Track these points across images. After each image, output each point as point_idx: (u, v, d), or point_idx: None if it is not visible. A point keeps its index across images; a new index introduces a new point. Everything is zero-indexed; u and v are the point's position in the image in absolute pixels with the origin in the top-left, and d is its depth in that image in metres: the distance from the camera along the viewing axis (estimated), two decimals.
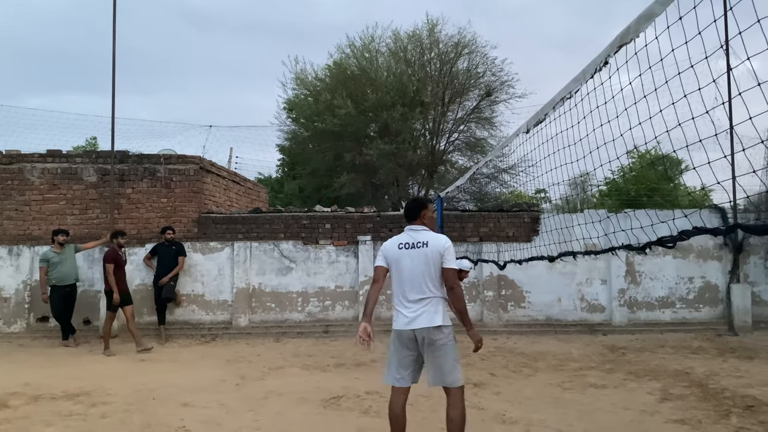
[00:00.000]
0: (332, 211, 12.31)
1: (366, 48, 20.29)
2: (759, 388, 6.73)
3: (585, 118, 3.67)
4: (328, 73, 20.75)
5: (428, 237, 4.37)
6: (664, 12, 2.66)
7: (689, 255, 11.90)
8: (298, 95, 21.58)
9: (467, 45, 19.69)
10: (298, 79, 21.30)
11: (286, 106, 21.98)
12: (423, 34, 19.96)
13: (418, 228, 4.47)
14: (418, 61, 20.14)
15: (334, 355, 9.25)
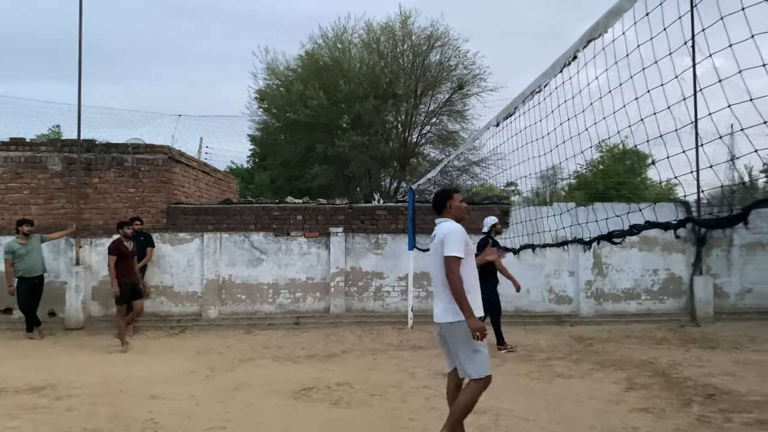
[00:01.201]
0: (304, 202, 12.26)
1: (338, 39, 20.19)
2: (719, 377, 6.93)
3: (553, 112, 3.73)
4: (301, 63, 20.60)
5: (438, 229, 4.36)
6: (632, 8, 2.70)
7: (654, 248, 12.17)
8: (269, 85, 21.39)
9: (440, 38, 19.74)
10: (269, 69, 21.11)
11: (258, 96, 21.77)
12: (396, 26, 19.94)
13: (440, 220, 4.48)
14: (391, 53, 20.13)
15: (305, 346, 9.24)
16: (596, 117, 3.31)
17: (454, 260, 4.08)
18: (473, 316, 4.01)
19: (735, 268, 12.32)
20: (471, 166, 21.68)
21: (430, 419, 5.29)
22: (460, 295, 4.01)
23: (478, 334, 3.98)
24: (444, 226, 4.31)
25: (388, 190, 22.09)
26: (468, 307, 4.00)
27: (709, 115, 2.41)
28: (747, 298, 12.34)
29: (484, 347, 4.14)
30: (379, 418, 5.42)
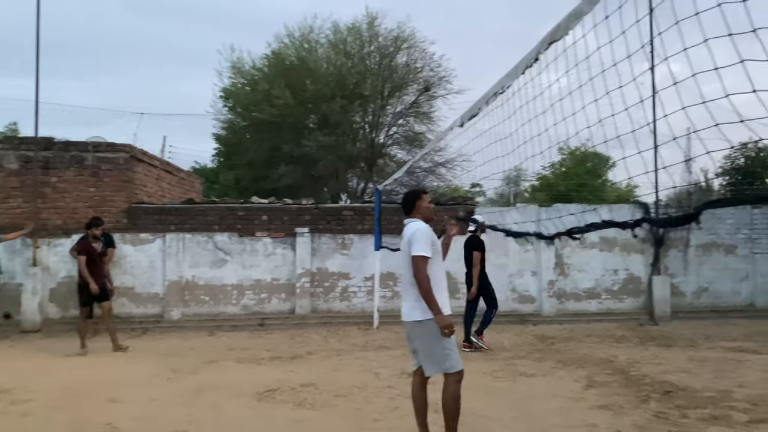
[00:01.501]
0: (269, 202, 12.17)
1: (305, 39, 20.11)
2: (676, 374, 7.11)
3: (515, 113, 3.78)
4: (267, 62, 20.45)
5: (407, 229, 4.38)
6: (592, 11, 2.75)
7: (614, 248, 12.44)
8: (235, 84, 21.17)
9: (406, 39, 19.83)
10: (234, 67, 20.90)
11: (223, 95, 21.53)
12: (363, 27, 19.96)
13: (408, 221, 4.48)
14: (358, 54, 20.14)
15: (269, 348, 9.16)
16: (557, 119, 3.37)
17: (420, 259, 4.11)
18: (441, 314, 4.05)
19: (691, 268, 12.68)
20: (437, 167, 21.83)
21: (395, 419, 5.30)
22: (428, 293, 4.05)
23: (447, 332, 4.03)
24: (411, 226, 4.34)
25: (356, 191, 22.08)
26: (436, 305, 4.05)
27: (665, 116, 2.48)
28: (703, 297, 12.72)
29: (452, 342, 4.19)
30: (344, 418, 5.40)
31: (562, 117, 3.30)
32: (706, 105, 2.43)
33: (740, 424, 5.11)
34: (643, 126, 2.88)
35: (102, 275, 9.04)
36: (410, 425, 4.77)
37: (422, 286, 4.07)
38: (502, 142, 4.82)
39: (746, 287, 12.84)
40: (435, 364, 4.23)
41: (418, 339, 4.30)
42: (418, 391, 4.46)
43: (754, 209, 12.98)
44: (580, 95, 3.09)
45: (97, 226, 9.06)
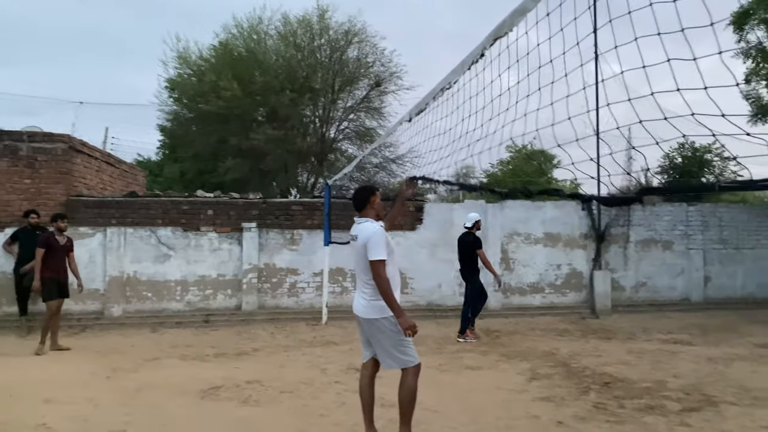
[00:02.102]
0: (215, 196, 11.91)
1: (254, 30, 19.78)
2: (615, 366, 7.35)
3: (459, 108, 3.80)
4: (214, 53, 20.01)
5: (360, 229, 4.37)
6: (535, 7, 2.79)
7: (558, 244, 12.75)
8: (180, 74, 20.63)
9: (357, 34, 19.78)
10: (180, 57, 20.36)
11: (168, 86, 20.94)
12: (313, 20, 19.78)
13: (360, 219, 4.48)
14: (308, 47, 19.95)
15: (214, 344, 8.98)
16: (503, 115, 3.41)
17: (379, 264, 4.15)
18: (404, 315, 4.11)
19: (631, 263, 13.13)
20: (388, 163, 21.88)
21: (341, 414, 5.29)
22: (390, 297, 4.11)
23: (410, 333, 4.10)
24: (366, 229, 4.31)
25: (306, 186, 21.91)
26: (398, 306, 4.12)
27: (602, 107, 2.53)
28: (641, 291, 13.19)
29: (409, 338, 4.23)
30: (289, 415, 5.35)
31: (508, 113, 3.34)
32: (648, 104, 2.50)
33: (673, 413, 5.33)
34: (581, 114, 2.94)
35: (65, 270, 8.69)
36: (356, 420, 4.76)
37: (384, 290, 4.12)
38: (450, 138, 4.85)
39: (682, 282, 13.38)
40: (394, 359, 4.28)
41: (374, 335, 4.33)
42: (366, 385, 4.48)
43: (690, 207, 13.53)
44: (525, 91, 3.13)
45: (62, 219, 8.72)
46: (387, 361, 4.33)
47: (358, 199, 4.53)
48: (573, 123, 3.18)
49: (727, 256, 13.61)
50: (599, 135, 6.68)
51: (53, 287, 8.45)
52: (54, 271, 8.46)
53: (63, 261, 8.67)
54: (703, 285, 13.40)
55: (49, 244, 8.47)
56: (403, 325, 4.06)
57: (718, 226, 13.62)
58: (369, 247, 4.17)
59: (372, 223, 4.38)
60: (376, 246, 4.15)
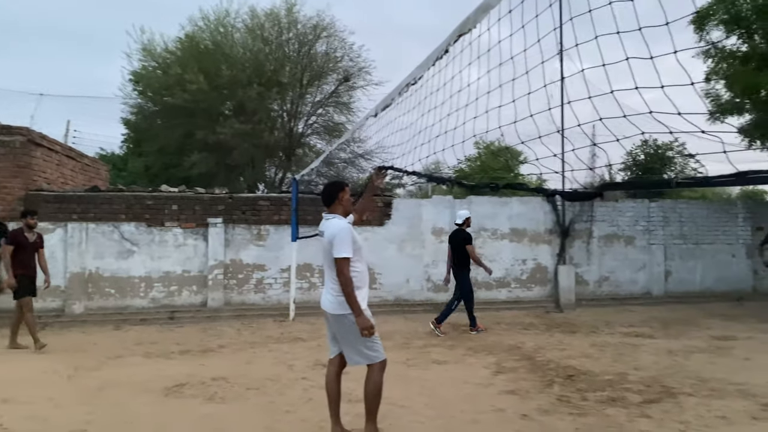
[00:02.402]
0: (180, 191, 11.73)
1: (220, 22, 19.49)
2: (578, 359, 7.49)
3: (424, 103, 3.81)
4: (180, 45, 19.66)
5: (326, 226, 4.34)
6: (498, 4, 2.81)
7: (524, 239, 12.92)
8: (145, 67, 20.21)
9: (325, 28, 19.66)
10: (145, 50, 19.94)
11: (132, 78, 20.50)
12: (281, 14, 19.59)
13: (327, 216, 4.44)
14: (276, 41, 19.76)
15: (179, 341, 8.86)
16: (467, 109, 3.43)
17: (343, 262, 4.14)
18: (362, 315, 4.11)
19: (594, 258, 13.38)
20: (357, 158, 21.83)
21: (307, 410, 5.27)
22: (350, 295, 4.10)
23: (366, 333, 4.09)
24: (333, 225, 4.29)
25: (273, 181, 21.73)
26: (358, 306, 4.10)
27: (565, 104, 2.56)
28: (604, 285, 13.46)
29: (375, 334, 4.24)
30: (255, 411, 5.31)
31: (474, 109, 3.37)
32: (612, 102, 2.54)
33: (634, 404, 5.45)
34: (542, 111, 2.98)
35: (35, 267, 8.42)
36: (323, 416, 4.75)
37: (345, 288, 4.12)
38: (419, 134, 4.86)
39: (643, 276, 13.69)
40: (360, 355, 4.29)
41: (341, 331, 4.33)
42: (333, 380, 4.48)
43: (651, 203, 13.85)
44: (489, 87, 3.15)
45: (33, 215, 8.45)
46: (353, 357, 4.33)
47: (327, 195, 4.51)
48: (536, 120, 3.21)
49: (686, 251, 13.98)
50: (563, 132, 6.79)
51: (26, 284, 8.21)
52: (25, 268, 8.21)
53: (33, 258, 8.42)
54: (664, 279, 13.74)
55: (18, 241, 8.21)
56: (360, 324, 4.07)
57: (679, 221, 13.97)
58: (334, 244, 4.16)
59: (339, 219, 4.36)
60: (341, 243, 4.14)
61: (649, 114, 2.25)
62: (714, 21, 12.32)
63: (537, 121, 3.18)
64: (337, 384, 4.49)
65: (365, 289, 4.37)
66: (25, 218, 8.42)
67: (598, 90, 2.90)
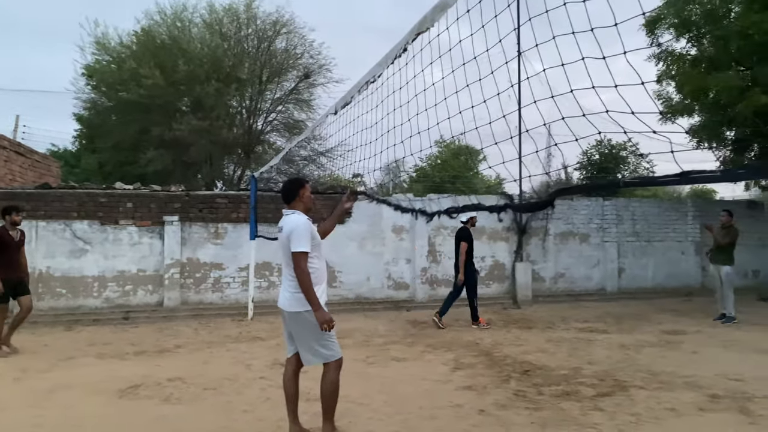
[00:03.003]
0: (135, 188, 11.46)
1: (177, 17, 19.12)
2: (534, 354, 7.63)
3: (383, 102, 3.82)
4: (135, 39, 19.20)
5: (285, 222, 4.30)
6: (455, 3, 2.84)
7: (482, 236, 13.07)
8: (99, 61, 19.66)
9: (285, 24, 19.50)
10: (98, 43, 19.41)
11: (85, 72, 19.92)
12: (240, 9, 19.33)
13: (287, 212, 4.40)
14: (235, 37, 19.49)
15: (134, 342, 8.66)
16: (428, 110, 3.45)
17: (301, 255, 4.10)
18: (321, 309, 4.07)
19: (550, 255, 13.65)
20: (318, 156, 21.72)
21: (265, 410, 5.23)
22: (308, 289, 4.06)
23: (326, 327, 4.05)
24: (291, 220, 4.27)
25: (232, 178, 21.43)
26: (316, 300, 4.06)
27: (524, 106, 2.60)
28: (560, 282, 13.74)
29: (332, 331, 4.22)
30: (212, 412, 5.24)
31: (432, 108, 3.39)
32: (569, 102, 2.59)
33: (588, 398, 5.58)
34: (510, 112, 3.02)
35: (20, 267, 7.92)
36: (281, 415, 4.72)
37: (303, 282, 4.07)
38: (380, 132, 4.86)
39: (597, 273, 14.04)
40: (315, 355, 4.26)
41: (297, 329, 4.29)
42: (290, 379, 4.45)
43: (605, 201, 14.20)
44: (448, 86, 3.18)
45: (18, 212, 7.91)
46: (308, 357, 4.29)
47: (287, 192, 4.48)
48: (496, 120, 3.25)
49: (639, 248, 14.39)
50: (521, 134, 6.90)
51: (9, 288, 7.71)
52: (9, 269, 7.70)
53: (18, 258, 7.90)
54: (617, 276, 14.11)
55: (3, 240, 7.67)
56: (319, 318, 4.03)
57: (631, 219, 14.37)
58: (292, 238, 4.13)
59: (299, 215, 4.34)
60: (299, 237, 4.12)
61: (606, 114, 2.30)
62: (665, 25, 12.70)
63: (497, 123, 3.22)
64: (295, 383, 4.46)
65: (324, 286, 4.35)
66: (9, 215, 7.84)
67: (556, 91, 2.95)
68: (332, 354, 4.27)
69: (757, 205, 15.84)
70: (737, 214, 11.17)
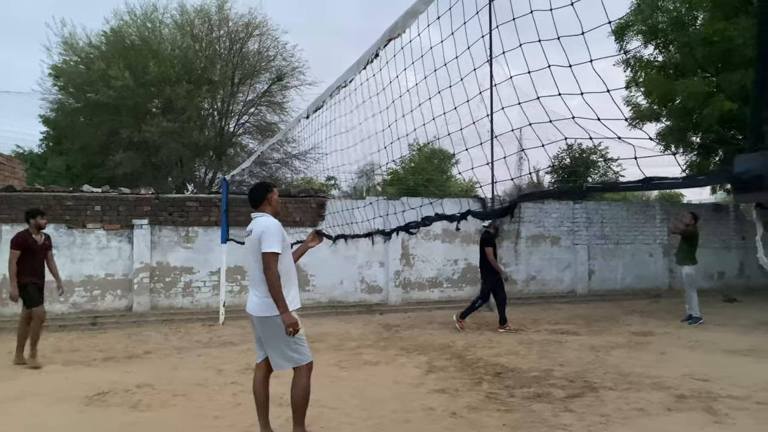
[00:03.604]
0: (103, 191, 11.26)
1: (148, 17, 18.85)
2: (506, 357, 7.69)
3: (358, 107, 3.82)
4: (104, 40, 18.86)
5: (255, 224, 4.28)
6: (426, 10, 2.86)
7: (455, 240, 13.16)
8: (67, 61, 19.26)
9: (258, 26, 19.38)
10: (66, 43, 19.01)
11: (52, 73, 19.50)
12: (212, 10, 19.14)
13: (256, 215, 4.39)
14: (207, 38, 19.30)
15: (102, 348, 8.50)
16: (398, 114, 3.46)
17: (271, 256, 4.09)
18: (287, 312, 4.05)
19: (522, 258, 13.79)
20: (291, 159, 21.60)
21: (236, 415, 5.17)
22: (277, 291, 4.04)
23: (291, 330, 4.03)
24: (261, 222, 4.26)
25: (203, 181, 21.19)
26: (284, 303, 4.04)
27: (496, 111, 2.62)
28: (531, 284, 13.89)
29: (302, 335, 4.21)
30: (182, 418, 5.16)
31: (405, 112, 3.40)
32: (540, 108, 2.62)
33: (558, 399, 5.65)
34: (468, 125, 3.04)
35: (43, 273, 7.62)
36: (252, 420, 4.68)
37: (272, 283, 4.05)
38: (353, 136, 4.87)
39: (568, 275, 14.23)
40: (286, 359, 4.23)
41: (266, 334, 4.26)
42: (260, 384, 4.41)
43: (576, 204, 14.41)
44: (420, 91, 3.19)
45: (42, 215, 7.65)
46: (278, 362, 4.26)
47: (255, 196, 4.48)
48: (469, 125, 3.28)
49: (608, 250, 14.62)
50: (493, 138, 6.96)
51: (34, 292, 7.45)
52: (34, 275, 7.45)
53: (42, 263, 7.64)
54: (588, 278, 14.32)
55: (25, 244, 7.40)
56: (285, 321, 4.02)
57: (601, 222, 14.61)
58: (263, 239, 4.11)
59: (269, 217, 4.33)
60: (270, 238, 4.11)
61: (574, 119, 2.33)
62: (633, 32, 12.96)
63: (469, 127, 3.24)
64: (265, 388, 4.43)
65: (295, 290, 4.33)
66: (34, 218, 7.57)
67: (526, 96, 2.99)
68: (302, 358, 4.25)
69: (723, 209, 16.23)
70: (703, 217, 11.45)
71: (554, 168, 21.61)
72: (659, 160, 18.42)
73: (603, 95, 2.16)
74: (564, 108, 2.45)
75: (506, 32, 2.58)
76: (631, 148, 2.35)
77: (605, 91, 2.09)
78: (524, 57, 2.29)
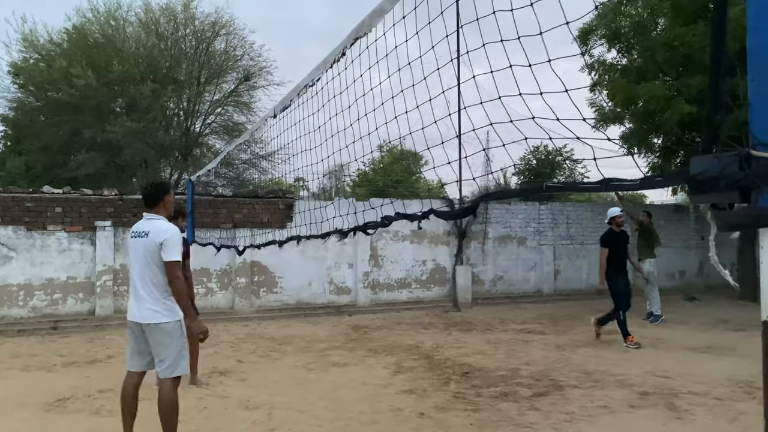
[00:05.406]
0: (64, 192, 10.98)
1: (111, 15, 18.48)
2: (473, 356, 7.76)
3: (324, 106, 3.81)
4: (66, 37, 18.41)
5: (153, 226, 4.17)
6: (392, 9, 2.86)
7: (423, 240, 13.22)
8: (26, 59, 18.75)
9: (225, 26, 19.15)
10: (26, 40, 18.51)
11: (11, 70, 18.95)
12: (177, 9, 18.85)
13: (151, 216, 4.28)
14: (172, 37, 19.00)
15: (63, 353, 8.29)
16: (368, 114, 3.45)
17: (176, 265, 4.07)
18: (197, 319, 4.11)
19: (489, 258, 13.92)
20: (259, 159, 21.40)
21: (201, 419, 5.10)
22: (186, 299, 4.07)
23: (202, 337, 4.10)
24: (161, 226, 4.17)
25: (169, 182, 20.84)
26: (191, 311, 4.11)
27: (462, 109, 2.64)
28: (499, 284, 14.03)
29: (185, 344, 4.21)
30: (145, 423, 5.03)
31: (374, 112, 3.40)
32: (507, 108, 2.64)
33: (525, 398, 5.72)
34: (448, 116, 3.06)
35: None
36: (217, 425, 4.62)
37: (179, 291, 4.06)
38: (321, 136, 4.83)
39: (535, 275, 14.41)
40: (176, 367, 4.13)
41: (156, 341, 4.12)
42: (131, 394, 4.31)
43: (541, 205, 14.61)
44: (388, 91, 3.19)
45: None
46: (168, 370, 4.09)
47: (151, 196, 4.38)
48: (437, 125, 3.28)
49: (573, 251, 14.86)
50: (460, 136, 7.00)
51: None
52: None
53: None
54: (554, 278, 14.53)
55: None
56: (196, 329, 4.04)
57: (566, 223, 14.84)
58: (166, 246, 4.05)
59: (165, 221, 4.27)
60: (174, 246, 4.08)
61: (532, 120, 2.36)
62: (596, 36, 13.20)
63: (438, 127, 3.26)
64: (135, 398, 4.33)
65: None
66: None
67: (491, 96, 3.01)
68: (186, 366, 4.25)
69: (683, 209, 16.64)
70: (665, 218, 11.72)
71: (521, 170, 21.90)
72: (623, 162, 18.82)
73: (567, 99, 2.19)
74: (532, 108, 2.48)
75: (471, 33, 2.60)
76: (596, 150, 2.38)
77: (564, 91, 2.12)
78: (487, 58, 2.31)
